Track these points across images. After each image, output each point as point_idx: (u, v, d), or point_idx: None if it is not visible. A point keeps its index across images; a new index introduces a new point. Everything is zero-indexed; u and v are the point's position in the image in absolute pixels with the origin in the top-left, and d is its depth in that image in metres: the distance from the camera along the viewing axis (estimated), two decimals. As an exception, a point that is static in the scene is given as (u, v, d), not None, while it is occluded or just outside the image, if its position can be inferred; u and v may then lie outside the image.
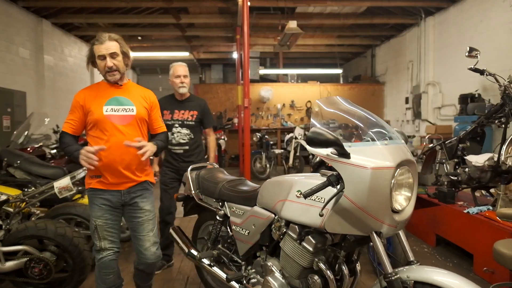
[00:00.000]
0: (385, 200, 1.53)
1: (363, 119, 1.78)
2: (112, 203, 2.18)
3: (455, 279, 1.46)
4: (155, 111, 2.35)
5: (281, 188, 1.94)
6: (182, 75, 3.20)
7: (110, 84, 2.21)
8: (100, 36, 2.12)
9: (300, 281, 1.85)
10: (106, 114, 2.13)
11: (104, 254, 2.18)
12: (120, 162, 2.14)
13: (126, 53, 2.19)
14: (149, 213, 2.26)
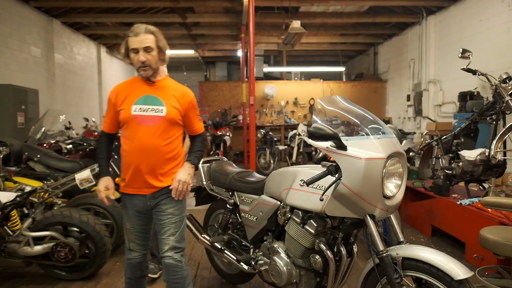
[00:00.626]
0: (378, 187, 1.75)
1: (359, 116, 2.00)
2: (138, 208, 2.11)
3: (439, 255, 1.69)
4: (191, 112, 2.17)
5: (286, 178, 2.17)
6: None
7: (144, 80, 2.08)
8: (136, 27, 2.00)
9: (303, 260, 2.08)
10: (134, 114, 2.02)
11: (132, 256, 2.16)
12: (144, 166, 2.03)
13: (162, 48, 2.05)
14: (171, 217, 2.10)
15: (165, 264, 2.09)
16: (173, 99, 2.09)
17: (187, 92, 2.16)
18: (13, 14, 7.32)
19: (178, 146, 2.13)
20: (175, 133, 2.11)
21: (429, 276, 1.67)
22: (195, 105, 2.21)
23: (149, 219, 2.18)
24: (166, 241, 2.08)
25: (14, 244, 2.81)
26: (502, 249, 2.26)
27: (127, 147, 2.06)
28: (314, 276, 2.11)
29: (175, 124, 2.09)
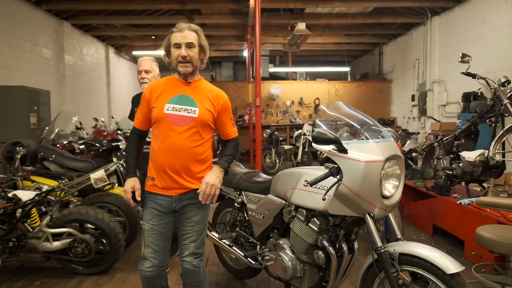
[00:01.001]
0: (376, 187, 1.88)
1: (360, 121, 2.12)
2: (162, 208, 2.04)
3: (433, 251, 1.81)
4: (225, 115, 2.13)
5: (291, 179, 2.30)
6: (143, 70, 2.99)
7: (180, 80, 2.07)
8: (179, 24, 2.01)
9: (307, 256, 2.21)
10: (166, 112, 2.00)
11: (145, 266, 2.03)
12: (172, 167, 2.01)
13: (204, 47, 2.05)
14: (195, 224, 2.08)
15: (184, 268, 2.10)
16: (207, 100, 2.06)
17: (222, 95, 2.14)
18: (26, 18, 7.52)
19: (208, 149, 2.10)
20: (206, 135, 2.07)
21: (424, 271, 1.80)
22: (229, 108, 2.17)
23: (170, 223, 2.08)
24: (187, 246, 2.08)
25: (34, 240, 2.98)
26: (497, 246, 2.38)
27: (157, 146, 2.03)
28: (317, 271, 2.24)
29: (207, 127, 2.06)
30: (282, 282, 2.43)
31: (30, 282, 3.04)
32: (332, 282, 2.18)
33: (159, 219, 2.04)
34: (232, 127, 2.19)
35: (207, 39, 2.10)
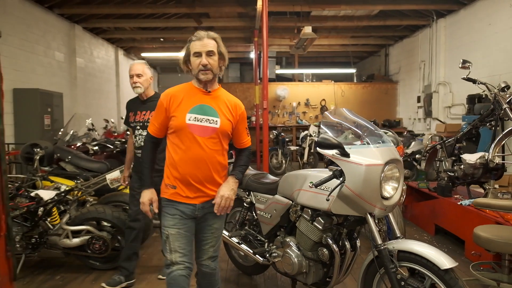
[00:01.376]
0: (376, 189, 2.02)
1: (362, 127, 2.27)
2: (185, 214, 2.05)
3: (429, 249, 1.95)
4: (241, 124, 2.16)
5: (297, 180, 2.45)
6: (135, 74, 2.96)
7: (199, 88, 2.06)
8: (198, 33, 2.01)
9: (312, 252, 2.36)
10: (188, 122, 2.00)
11: (174, 268, 2.00)
12: (196, 176, 2.02)
13: (223, 54, 2.05)
14: (215, 231, 2.15)
15: (202, 270, 2.17)
16: (227, 110, 2.08)
17: (239, 104, 2.16)
18: (39, 22, 7.75)
19: (226, 158, 2.13)
20: (225, 145, 2.10)
21: (420, 267, 1.94)
22: (245, 118, 2.19)
23: (192, 227, 2.10)
24: (206, 251, 2.14)
25: (55, 237, 3.17)
26: (493, 245, 2.50)
27: (178, 156, 2.02)
28: (321, 267, 2.39)
29: (226, 136, 2.09)
30: (289, 277, 2.58)
31: (51, 277, 3.22)
32: (336, 278, 2.32)
33: (183, 223, 2.04)
34: (246, 137, 2.21)
35: None
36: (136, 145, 3.03)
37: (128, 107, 3.14)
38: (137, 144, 3.02)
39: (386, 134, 2.38)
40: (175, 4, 8.48)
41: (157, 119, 2.09)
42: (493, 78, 7.20)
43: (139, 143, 2.99)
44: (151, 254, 3.77)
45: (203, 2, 8.43)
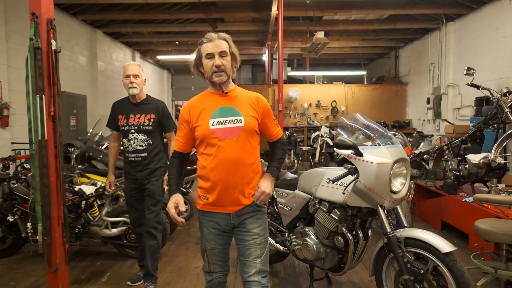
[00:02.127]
0: (386, 184, 2.32)
1: (374, 130, 2.57)
2: (221, 227, 2.00)
3: (432, 236, 2.25)
4: (267, 117, 2.07)
5: (315, 177, 2.77)
6: (132, 74, 2.91)
7: (215, 93, 2.01)
8: (209, 35, 1.96)
9: (328, 240, 2.67)
10: (212, 128, 1.93)
11: (214, 277, 2.06)
12: (227, 182, 1.94)
13: (235, 55, 2.00)
14: (257, 237, 1.99)
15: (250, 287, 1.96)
16: (249, 107, 2.00)
17: (261, 97, 2.07)
18: (65, 28, 8.19)
19: (258, 157, 2.06)
20: (254, 143, 2.01)
21: (424, 251, 2.24)
22: (270, 110, 2.11)
23: (230, 238, 2.07)
24: (253, 263, 1.95)
25: (96, 227, 3.53)
26: (491, 236, 2.79)
27: (209, 165, 1.95)
28: (337, 253, 2.70)
29: (254, 134, 2.00)
30: (307, 263, 2.90)
31: (91, 263, 3.59)
32: (349, 263, 2.63)
33: (219, 238, 2.02)
34: (276, 128, 2.13)
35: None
36: (130, 149, 2.96)
37: (117, 110, 3.04)
38: (131, 148, 2.96)
39: (395, 136, 2.69)
40: (192, 9, 8.85)
41: (181, 133, 2.06)
42: (500, 81, 7.42)
43: (133, 147, 2.95)
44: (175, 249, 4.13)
45: (219, 7, 8.78)
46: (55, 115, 2.60)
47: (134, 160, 2.97)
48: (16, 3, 6.41)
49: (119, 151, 3.21)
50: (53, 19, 2.55)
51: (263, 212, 2.06)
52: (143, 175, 2.98)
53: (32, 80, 2.49)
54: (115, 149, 3.19)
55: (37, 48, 2.48)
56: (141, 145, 2.96)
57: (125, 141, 3.00)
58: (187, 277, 3.27)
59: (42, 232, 2.57)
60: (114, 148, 3.18)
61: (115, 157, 3.20)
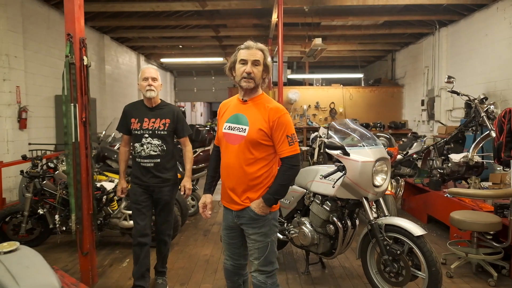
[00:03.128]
0: (369, 179, 2.74)
1: (361, 133, 2.99)
2: (228, 221, 2.22)
3: (407, 223, 2.67)
4: (277, 132, 2.03)
5: (310, 173, 3.19)
6: (150, 77, 2.87)
7: (239, 99, 2.16)
8: (247, 42, 2.08)
9: (321, 228, 3.09)
10: (224, 131, 2.14)
11: (225, 261, 2.33)
12: (227, 183, 2.14)
13: (268, 66, 2.09)
14: (255, 242, 2.12)
15: (252, 282, 2.20)
16: (260, 118, 2.05)
17: (275, 110, 2.05)
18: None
19: (262, 169, 2.08)
20: (257, 153, 2.06)
21: (400, 235, 2.66)
22: (283, 124, 2.04)
23: (238, 235, 2.23)
24: (252, 263, 2.17)
25: (116, 219, 3.95)
26: (463, 225, 3.21)
27: (221, 164, 2.21)
28: (328, 240, 3.12)
29: (257, 145, 2.05)
30: (303, 249, 3.32)
31: (111, 251, 4.02)
32: (339, 248, 3.05)
33: (227, 232, 2.26)
34: (285, 146, 2.05)
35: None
36: (142, 154, 2.87)
37: (130, 113, 2.97)
38: (144, 153, 2.87)
39: (379, 138, 3.11)
40: (197, 16, 9.27)
41: (217, 130, 2.27)
42: (489, 84, 7.83)
43: (147, 152, 2.86)
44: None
45: (222, 14, 9.21)
46: (86, 121, 3.02)
47: (146, 166, 2.87)
48: (32, 13, 6.83)
49: (129, 156, 3.09)
50: (85, 38, 2.97)
51: (263, 220, 2.10)
52: (155, 182, 2.89)
53: (67, 91, 2.91)
54: (126, 154, 3.08)
55: (72, 63, 2.90)
56: (155, 150, 2.87)
57: (137, 146, 2.89)
58: (197, 263, 3.70)
59: (75, 221, 2.99)
60: (125, 153, 3.07)
61: (126, 162, 3.09)
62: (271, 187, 2.10)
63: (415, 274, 2.65)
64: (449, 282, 3.22)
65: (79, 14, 2.94)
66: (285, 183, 2.10)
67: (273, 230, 2.19)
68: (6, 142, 6.11)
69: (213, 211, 2.43)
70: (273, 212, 2.16)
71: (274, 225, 2.19)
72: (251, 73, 2.03)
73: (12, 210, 3.94)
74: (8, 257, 1.73)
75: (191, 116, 22.79)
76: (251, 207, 2.09)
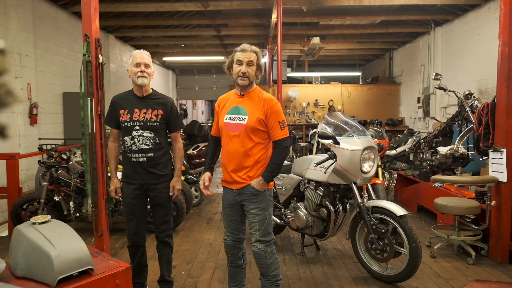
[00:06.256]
0: (357, 166, 3.04)
1: (351, 125, 3.29)
2: (229, 200, 2.53)
3: (392, 205, 2.97)
4: (271, 118, 2.38)
5: (305, 162, 3.49)
6: (143, 63, 2.62)
7: (237, 93, 2.47)
8: (243, 46, 2.41)
9: (315, 212, 3.39)
10: (225, 122, 2.45)
11: (226, 238, 2.61)
12: (229, 166, 2.47)
13: (261, 66, 2.42)
14: (254, 216, 2.43)
15: (252, 250, 2.50)
16: (257, 108, 2.40)
17: (269, 99, 2.42)
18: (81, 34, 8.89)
19: (261, 151, 2.43)
20: (256, 138, 2.39)
21: (385, 216, 2.96)
22: (277, 112, 2.40)
23: (238, 212, 2.54)
24: (253, 234, 2.48)
25: (125, 206, 4.25)
26: (444, 209, 3.51)
27: (222, 150, 2.55)
28: (322, 222, 3.42)
29: (256, 131, 2.38)
30: (299, 231, 3.61)
31: (121, 236, 4.32)
32: (331, 230, 3.35)
33: (228, 210, 2.57)
34: (278, 130, 2.39)
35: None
36: (133, 148, 2.64)
37: (118, 104, 2.73)
38: (134, 147, 2.64)
39: (368, 130, 3.40)
40: (199, 16, 9.56)
41: (215, 122, 2.63)
42: (481, 82, 8.11)
43: (138, 146, 2.63)
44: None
45: (223, 14, 9.49)
46: (101, 114, 3.32)
47: (138, 162, 2.63)
48: (42, 13, 7.13)
49: (120, 152, 2.86)
50: (100, 39, 3.27)
51: (261, 196, 2.42)
52: (149, 179, 2.67)
53: (84, 87, 3.21)
54: (116, 150, 2.83)
55: (88, 61, 3.20)
56: (147, 143, 2.62)
57: (127, 139, 2.65)
58: (202, 245, 4.00)
59: (91, 205, 3.29)
60: (114, 149, 2.83)
61: (116, 159, 2.86)
62: (268, 166, 2.44)
63: (398, 251, 2.95)
64: (432, 262, 3.52)
65: (95, 16, 3.25)
66: (279, 162, 2.44)
67: (270, 205, 2.52)
68: (18, 136, 6.40)
69: (210, 189, 2.61)
70: (269, 189, 2.50)
71: (270, 200, 2.54)
72: (246, 72, 2.36)
73: (29, 198, 4.25)
74: (43, 227, 2.03)
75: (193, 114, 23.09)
76: (251, 185, 2.42)
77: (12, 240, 2.02)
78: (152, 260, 3.50)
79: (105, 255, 2.22)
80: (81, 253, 1.90)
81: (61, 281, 1.78)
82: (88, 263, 1.90)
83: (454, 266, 3.41)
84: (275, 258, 2.50)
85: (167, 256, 2.89)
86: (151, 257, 3.47)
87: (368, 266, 3.18)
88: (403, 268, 2.91)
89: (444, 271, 3.32)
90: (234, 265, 2.66)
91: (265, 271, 2.47)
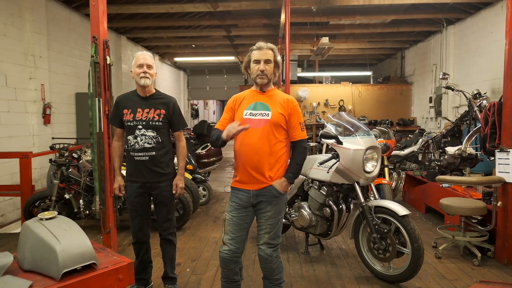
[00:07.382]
0: (360, 166, 3.05)
1: (354, 124, 3.30)
2: (242, 202, 2.37)
3: (393, 204, 2.97)
4: (294, 117, 2.39)
5: (309, 162, 3.50)
6: (145, 64, 2.75)
7: (256, 91, 2.42)
8: (259, 44, 2.37)
9: (319, 211, 3.41)
10: (244, 117, 2.36)
11: (222, 249, 2.37)
12: (250, 163, 2.32)
13: (278, 63, 2.38)
14: (268, 219, 2.35)
15: (259, 254, 2.39)
16: (279, 105, 2.38)
17: (291, 99, 2.45)
18: (94, 35, 9.07)
19: (282, 150, 2.39)
20: (279, 135, 2.36)
21: (388, 215, 2.96)
22: (298, 112, 2.43)
23: (247, 217, 2.38)
24: (262, 237, 2.36)
25: (133, 204, 4.34)
26: (450, 209, 3.49)
27: (237, 147, 2.39)
28: (325, 222, 3.43)
29: (279, 128, 2.36)
30: (303, 231, 3.63)
31: (129, 234, 4.39)
32: (335, 230, 3.36)
33: (238, 212, 2.38)
34: (299, 131, 2.42)
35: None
36: (136, 147, 2.72)
37: (122, 104, 2.81)
38: (137, 146, 2.72)
39: (372, 130, 3.41)
40: (209, 17, 9.64)
41: (225, 117, 2.48)
42: (494, 81, 7.97)
43: (141, 145, 2.71)
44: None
45: (233, 15, 9.56)
46: (109, 114, 3.40)
47: (141, 160, 2.71)
48: (55, 15, 7.30)
49: (123, 151, 2.95)
50: (108, 40, 3.35)
51: (280, 199, 2.37)
52: (152, 178, 2.74)
53: (92, 87, 3.30)
54: (120, 148, 2.91)
55: (96, 63, 3.28)
56: (149, 142, 2.71)
57: (130, 138, 2.73)
58: (207, 243, 4.06)
59: (99, 203, 3.38)
60: (118, 148, 2.90)
61: (121, 157, 2.93)
62: (290, 167, 2.42)
63: (400, 251, 2.95)
64: (437, 262, 3.50)
65: (103, 18, 3.33)
66: (301, 163, 2.45)
67: (284, 208, 2.49)
68: (32, 136, 6.58)
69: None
70: (286, 192, 2.45)
71: (285, 203, 2.50)
72: (264, 70, 2.34)
73: (41, 195, 4.37)
74: (49, 222, 2.11)
75: (204, 113, 23.25)
76: (274, 186, 2.35)
77: (20, 235, 2.10)
78: (158, 257, 3.56)
79: (109, 251, 2.29)
80: (85, 248, 1.96)
81: (65, 274, 1.85)
82: (91, 258, 1.96)
83: (459, 267, 3.38)
84: (280, 263, 2.46)
85: (171, 254, 2.95)
86: (156, 254, 3.52)
87: (370, 266, 3.18)
88: (405, 268, 2.91)
89: (448, 272, 3.30)
90: (229, 281, 2.45)
91: (269, 274, 2.43)
